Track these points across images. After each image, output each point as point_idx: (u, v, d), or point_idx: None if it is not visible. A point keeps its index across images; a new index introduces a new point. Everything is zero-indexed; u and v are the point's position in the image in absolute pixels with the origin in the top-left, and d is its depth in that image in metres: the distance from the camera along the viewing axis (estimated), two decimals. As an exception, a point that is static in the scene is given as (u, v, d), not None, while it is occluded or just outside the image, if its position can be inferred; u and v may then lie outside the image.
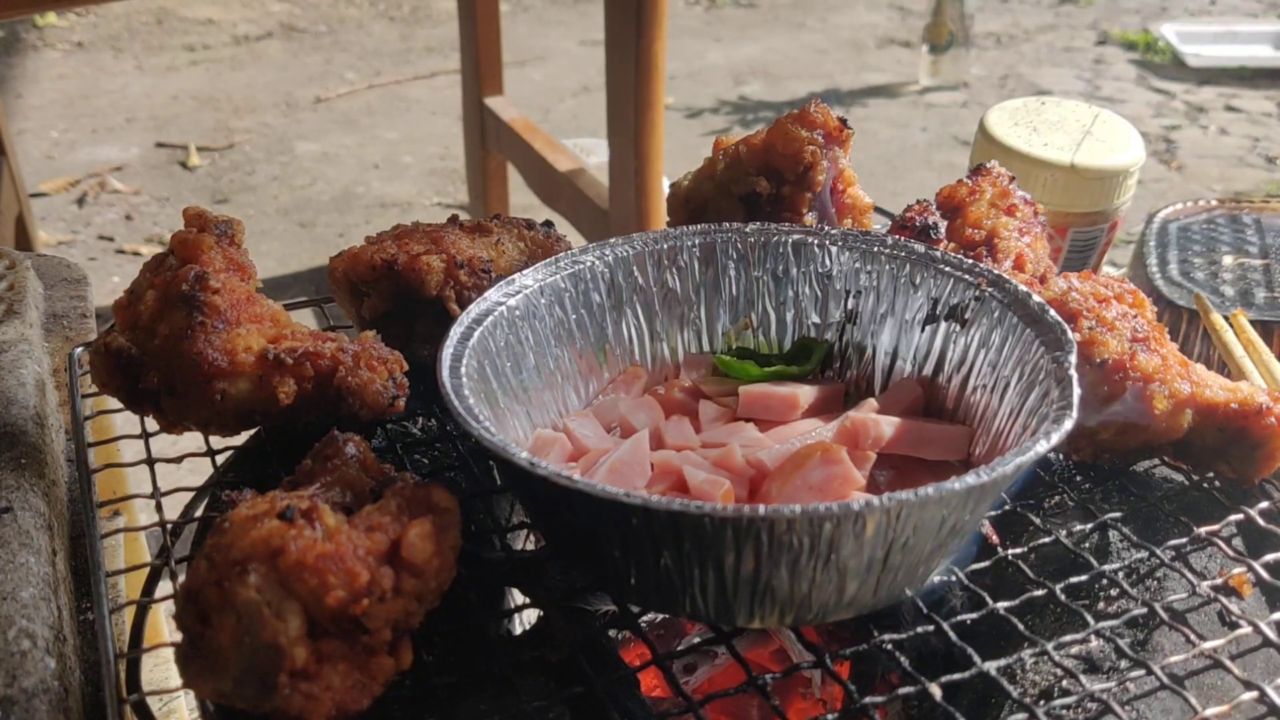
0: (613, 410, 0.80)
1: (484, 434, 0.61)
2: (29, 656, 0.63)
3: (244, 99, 4.13)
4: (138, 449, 0.85)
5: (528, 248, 0.91)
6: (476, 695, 0.64)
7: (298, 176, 3.56)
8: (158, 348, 0.75)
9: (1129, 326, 0.77)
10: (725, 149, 0.94)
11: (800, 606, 0.60)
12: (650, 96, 2.16)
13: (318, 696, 0.54)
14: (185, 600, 0.57)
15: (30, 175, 3.31)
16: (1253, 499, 0.77)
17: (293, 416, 0.78)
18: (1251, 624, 0.66)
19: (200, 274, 0.76)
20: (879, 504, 0.55)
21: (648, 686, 0.87)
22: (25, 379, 0.88)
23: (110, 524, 0.84)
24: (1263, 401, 0.74)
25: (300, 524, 0.56)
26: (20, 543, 0.71)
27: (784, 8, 5.09)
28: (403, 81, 4.31)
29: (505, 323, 0.75)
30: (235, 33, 4.81)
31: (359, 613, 0.55)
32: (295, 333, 0.79)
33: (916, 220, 0.89)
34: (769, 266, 0.83)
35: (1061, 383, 0.65)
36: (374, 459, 0.66)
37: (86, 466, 0.81)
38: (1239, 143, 3.65)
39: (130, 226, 3.26)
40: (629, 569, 0.61)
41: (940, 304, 0.78)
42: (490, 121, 2.76)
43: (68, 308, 1.08)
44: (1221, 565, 0.73)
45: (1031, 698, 0.65)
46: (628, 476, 0.69)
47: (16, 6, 2.27)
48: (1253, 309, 1.09)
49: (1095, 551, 0.75)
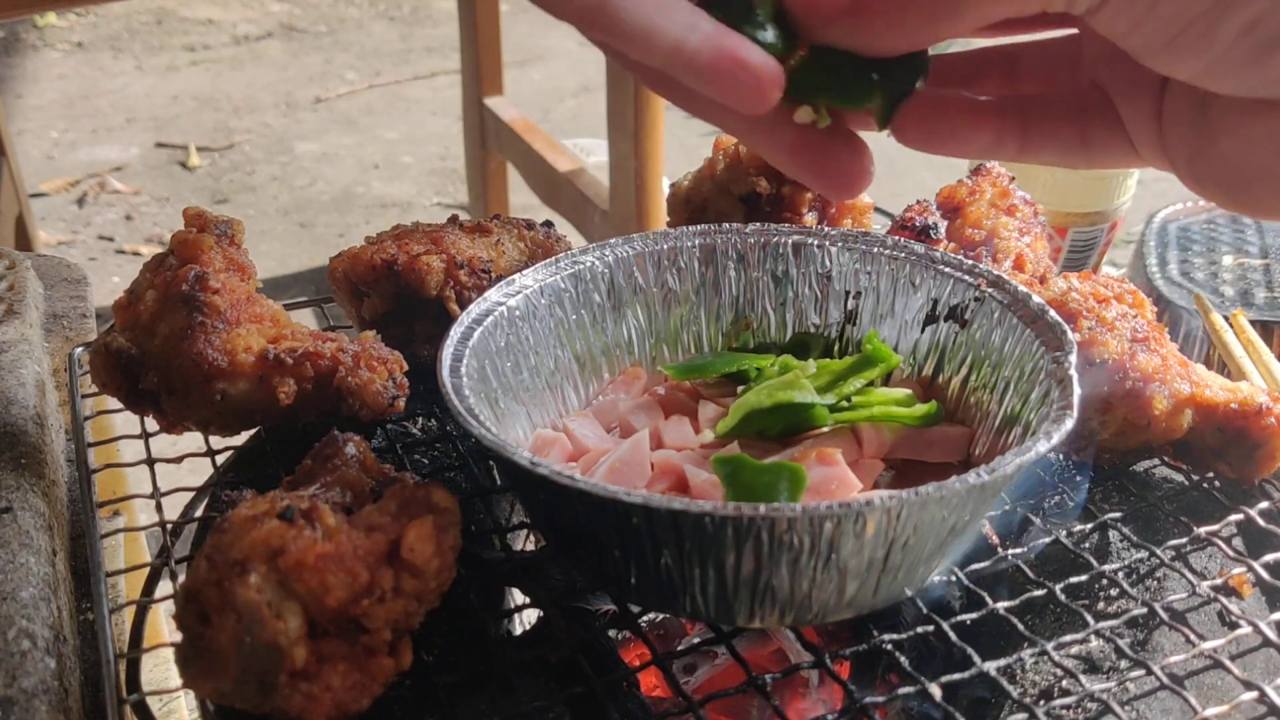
0: (613, 410, 0.80)
1: (485, 434, 0.61)
2: (29, 657, 0.63)
3: (244, 99, 4.13)
4: (138, 449, 0.85)
5: (528, 248, 0.91)
6: (476, 695, 0.64)
7: (298, 176, 3.56)
8: (158, 348, 0.75)
9: (1129, 326, 0.77)
10: (725, 149, 0.94)
11: (800, 606, 0.60)
12: (650, 97, 2.16)
13: (318, 697, 0.54)
14: (185, 600, 0.57)
15: (30, 175, 3.32)
16: (1253, 499, 0.77)
17: (293, 416, 0.78)
18: (1251, 624, 0.66)
19: (200, 274, 0.76)
20: (880, 503, 0.55)
21: (648, 686, 0.87)
22: (25, 379, 0.88)
23: (110, 524, 0.84)
24: (1263, 401, 0.74)
25: (300, 524, 0.56)
26: (20, 543, 0.71)
27: (784, 8, 5.08)
28: (403, 81, 4.31)
29: (505, 323, 0.75)
30: (235, 33, 4.81)
31: (359, 613, 0.55)
32: (295, 333, 0.79)
33: (916, 220, 0.89)
34: (769, 267, 0.83)
35: (1062, 383, 0.65)
36: (374, 459, 0.66)
37: (86, 466, 0.81)
38: (1239, 143, 3.64)
39: (130, 226, 3.26)
40: (629, 568, 0.61)
41: (940, 304, 0.78)
42: (490, 121, 2.76)
43: (68, 308, 1.08)
44: (1221, 565, 0.73)
45: (1031, 698, 0.65)
46: (628, 476, 0.69)
47: (16, 6, 2.27)
48: (1253, 309, 1.10)
49: (1095, 551, 0.75)
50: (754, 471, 0.64)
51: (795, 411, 0.70)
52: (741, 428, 0.71)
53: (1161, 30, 0.45)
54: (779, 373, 0.75)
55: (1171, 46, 0.45)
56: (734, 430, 0.71)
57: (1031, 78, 0.57)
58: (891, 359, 0.76)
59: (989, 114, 0.55)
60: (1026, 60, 0.57)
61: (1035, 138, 0.55)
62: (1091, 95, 0.55)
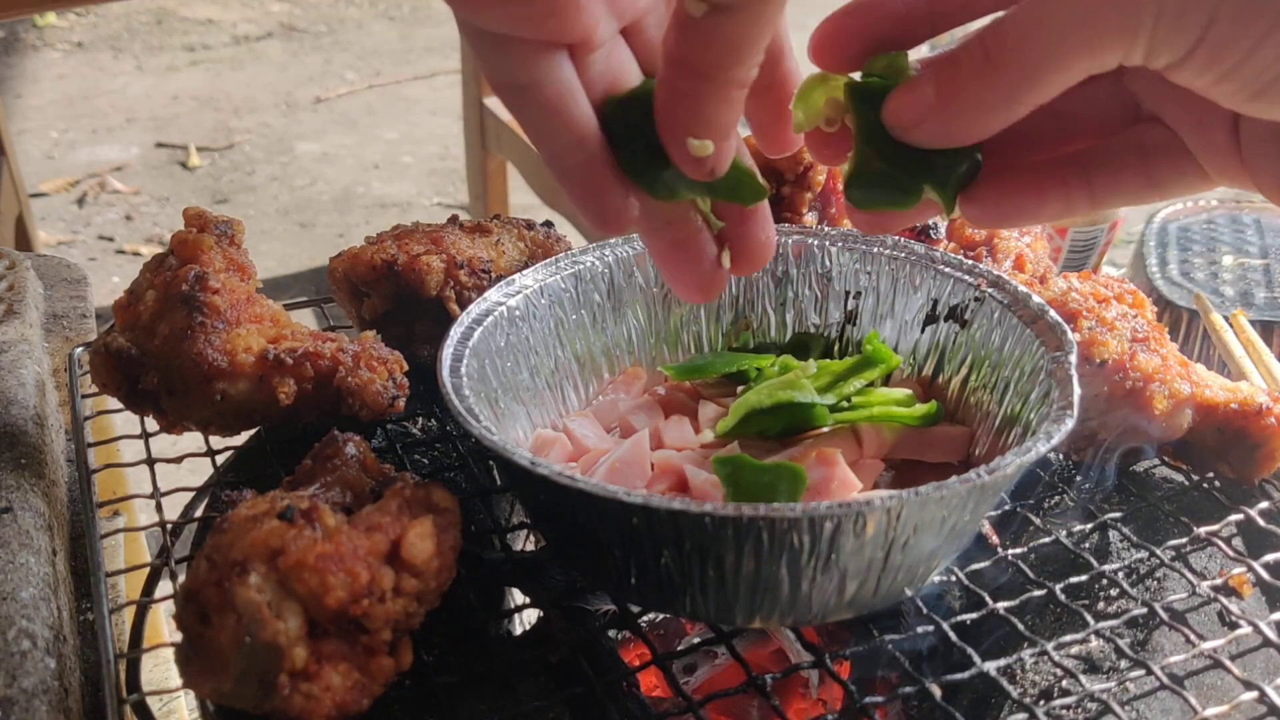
0: (612, 410, 0.80)
1: (485, 434, 0.61)
2: (29, 657, 0.63)
3: (244, 99, 4.13)
4: (138, 449, 0.85)
5: (528, 248, 0.91)
6: (476, 695, 0.64)
7: (298, 176, 3.56)
8: (158, 348, 0.75)
9: (1129, 326, 0.77)
10: (725, 149, 0.93)
11: (800, 607, 0.60)
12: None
13: (318, 697, 0.54)
14: (185, 600, 0.57)
15: (30, 175, 3.32)
16: (1253, 499, 0.77)
17: (293, 416, 0.78)
18: (1251, 624, 0.66)
19: (200, 274, 0.76)
20: (880, 503, 0.55)
21: (648, 686, 0.87)
22: (25, 379, 0.88)
23: (110, 524, 0.84)
24: (1263, 401, 0.74)
25: (300, 524, 0.56)
26: (20, 543, 0.71)
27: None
28: (403, 81, 4.31)
29: (505, 323, 0.75)
30: (235, 33, 4.81)
31: (359, 613, 0.55)
32: (295, 333, 0.79)
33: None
34: (768, 267, 0.83)
35: (1062, 383, 0.65)
36: (374, 459, 0.66)
37: (86, 466, 0.81)
38: (1239, 143, 3.64)
39: (130, 226, 3.26)
40: (629, 568, 0.61)
41: (940, 304, 0.78)
42: (490, 121, 2.76)
43: (68, 308, 1.08)
44: (1221, 565, 0.73)
45: (1031, 698, 0.65)
46: (628, 476, 0.69)
47: (16, 6, 2.28)
48: (1253, 309, 1.10)
49: (1095, 551, 0.75)
50: (754, 471, 0.64)
51: (795, 411, 0.70)
52: (741, 428, 0.71)
53: (1250, 82, 0.44)
54: (779, 373, 0.75)
55: (1261, 95, 0.44)
56: (734, 430, 0.71)
57: (1084, 131, 0.55)
58: (892, 360, 0.76)
59: (1051, 178, 0.54)
60: (1075, 115, 0.55)
61: (1102, 189, 0.54)
62: (1150, 134, 0.53)
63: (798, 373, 0.73)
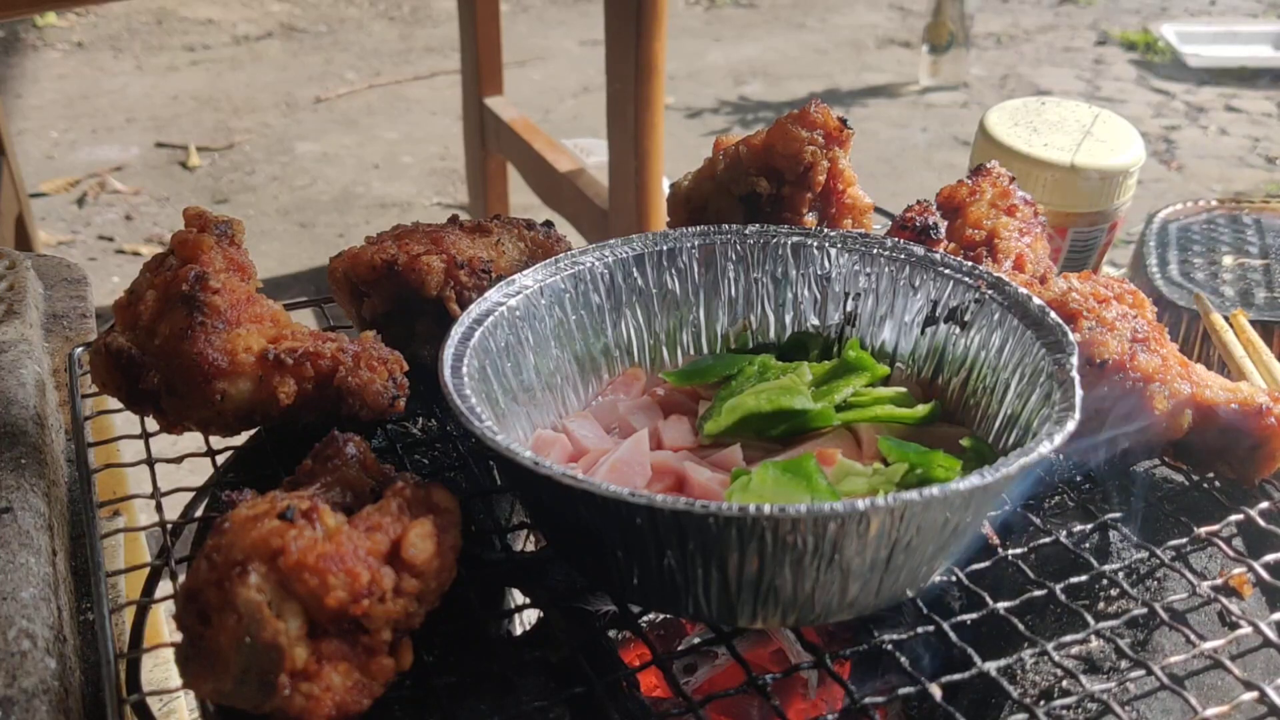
0: (612, 411, 0.80)
1: (487, 434, 0.61)
2: (29, 657, 0.63)
3: (244, 99, 4.13)
4: (138, 449, 0.85)
5: (528, 248, 0.91)
6: (476, 695, 0.64)
7: (298, 177, 3.56)
8: (158, 348, 0.75)
9: (1129, 327, 0.77)
10: (725, 149, 0.94)
11: (803, 607, 0.60)
12: (650, 96, 2.16)
13: (318, 697, 0.54)
14: (185, 600, 0.57)
15: (30, 175, 3.31)
16: (1253, 499, 0.77)
17: (293, 416, 0.78)
18: (1251, 624, 0.66)
19: (200, 274, 0.76)
20: (883, 504, 0.55)
21: (648, 686, 0.87)
22: (25, 379, 0.88)
23: (110, 524, 0.84)
24: (1263, 401, 0.74)
25: (300, 524, 0.56)
26: (20, 543, 0.71)
27: (784, 8, 5.08)
28: (403, 81, 4.31)
29: (505, 323, 0.75)
30: (235, 33, 4.81)
31: (359, 613, 0.55)
32: (295, 333, 0.79)
33: (916, 221, 0.89)
34: (768, 268, 0.83)
35: (1063, 384, 0.65)
36: (374, 459, 0.66)
37: (86, 466, 0.81)
38: (1239, 143, 3.65)
39: (130, 226, 3.26)
40: (632, 569, 0.61)
41: (940, 306, 0.78)
42: (490, 121, 2.76)
43: (68, 308, 1.08)
44: (1221, 565, 0.73)
45: (1031, 698, 0.65)
46: (628, 476, 0.69)
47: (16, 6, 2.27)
48: (1253, 309, 1.09)
49: (1095, 552, 0.75)
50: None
51: (794, 416, 0.71)
52: (737, 430, 0.71)
53: None
54: (758, 373, 0.76)
55: None
56: (730, 430, 0.71)
57: None
58: (875, 368, 0.76)
59: None
60: None
61: None
62: None
63: (794, 378, 0.74)
